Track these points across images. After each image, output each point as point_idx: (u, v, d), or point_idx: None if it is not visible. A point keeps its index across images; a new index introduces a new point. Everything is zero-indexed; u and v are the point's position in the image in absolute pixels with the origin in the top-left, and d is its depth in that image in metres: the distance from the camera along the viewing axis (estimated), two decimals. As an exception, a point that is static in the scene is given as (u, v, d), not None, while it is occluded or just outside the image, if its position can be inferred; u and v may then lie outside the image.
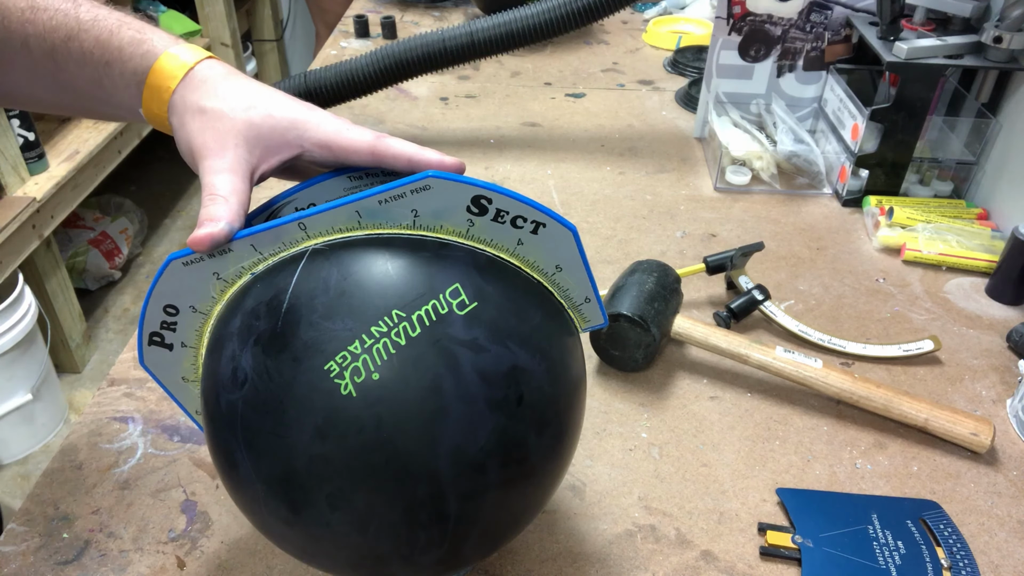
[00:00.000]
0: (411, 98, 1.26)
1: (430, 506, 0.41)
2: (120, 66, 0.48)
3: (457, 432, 0.40)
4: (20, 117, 1.63)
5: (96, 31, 0.48)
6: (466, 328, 0.42)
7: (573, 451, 0.49)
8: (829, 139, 1.03)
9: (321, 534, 0.42)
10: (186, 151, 0.48)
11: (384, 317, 0.40)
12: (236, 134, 0.46)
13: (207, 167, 0.45)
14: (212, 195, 0.44)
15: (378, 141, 0.46)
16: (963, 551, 0.57)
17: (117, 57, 0.48)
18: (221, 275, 0.45)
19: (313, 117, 0.47)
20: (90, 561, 0.56)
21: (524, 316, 0.45)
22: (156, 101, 0.48)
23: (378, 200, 0.43)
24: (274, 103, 0.47)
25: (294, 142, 0.47)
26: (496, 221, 0.44)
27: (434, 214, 0.44)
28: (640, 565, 0.57)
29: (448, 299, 0.42)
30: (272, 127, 0.47)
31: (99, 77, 0.49)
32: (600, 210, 0.98)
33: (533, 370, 0.43)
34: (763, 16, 1.02)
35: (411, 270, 0.42)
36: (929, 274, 0.87)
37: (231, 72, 0.49)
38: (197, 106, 0.47)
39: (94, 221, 2.19)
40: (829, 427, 0.68)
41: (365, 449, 0.40)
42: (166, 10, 2.40)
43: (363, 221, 0.43)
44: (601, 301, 0.50)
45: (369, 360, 0.40)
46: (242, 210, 0.44)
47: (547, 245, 0.46)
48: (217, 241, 0.43)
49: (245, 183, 0.45)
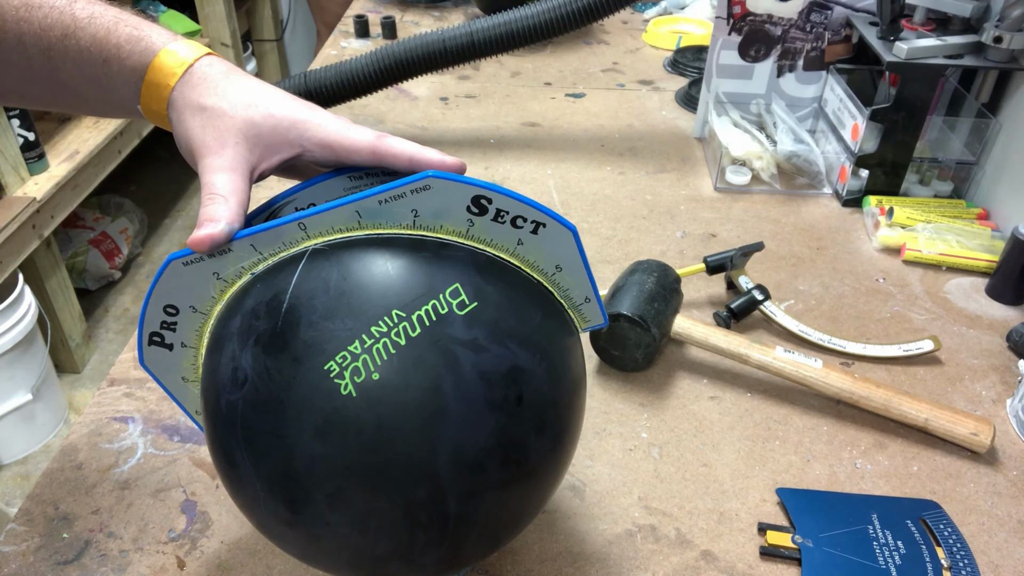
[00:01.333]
0: (411, 98, 1.26)
1: (430, 506, 0.41)
2: (118, 63, 0.48)
3: (457, 432, 0.40)
4: (20, 117, 1.63)
5: (92, 28, 0.48)
6: (466, 328, 0.42)
7: (573, 451, 0.49)
8: (829, 139, 1.03)
9: (321, 534, 0.42)
10: (185, 149, 0.47)
11: (384, 317, 0.40)
12: (236, 132, 0.46)
13: (206, 165, 0.45)
14: (212, 194, 0.44)
15: (379, 141, 0.46)
16: (963, 551, 0.57)
17: (115, 55, 0.48)
18: (221, 275, 0.45)
19: (314, 116, 0.47)
20: (90, 561, 0.56)
21: (524, 316, 0.45)
22: (155, 98, 0.48)
23: (378, 200, 0.43)
24: (275, 101, 0.47)
25: (295, 141, 0.47)
26: (496, 221, 0.44)
27: (434, 214, 0.44)
28: (640, 565, 0.57)
29: (448, 299, 0.42)
30: (273, 126, 0.46)
31: (97, 75, 0.48)
32: (600, 210, 0.98)
33: (533, 370, 0.43)
34: (763, 16, 1.02)
35: (411, 270, 0.42)
36: (929, 274, 0.87)
37: (231, 69, 0.48)
38: (197, 103, 0.46)
39: (94, 221, 2.19)
40: (829, 427, 0.68)
41: (365, 449, 0.40)
42: (166, 10, 2.40)
43: (363, 221, 0.43)
44: (601, 301, 0.50)
45: (369, 360, 0.40)
46: (242, 210, 0.44)
47: (547, 245, 0.46)
48: (217, 242, 0.42)
49: (245, 182, 0.45)
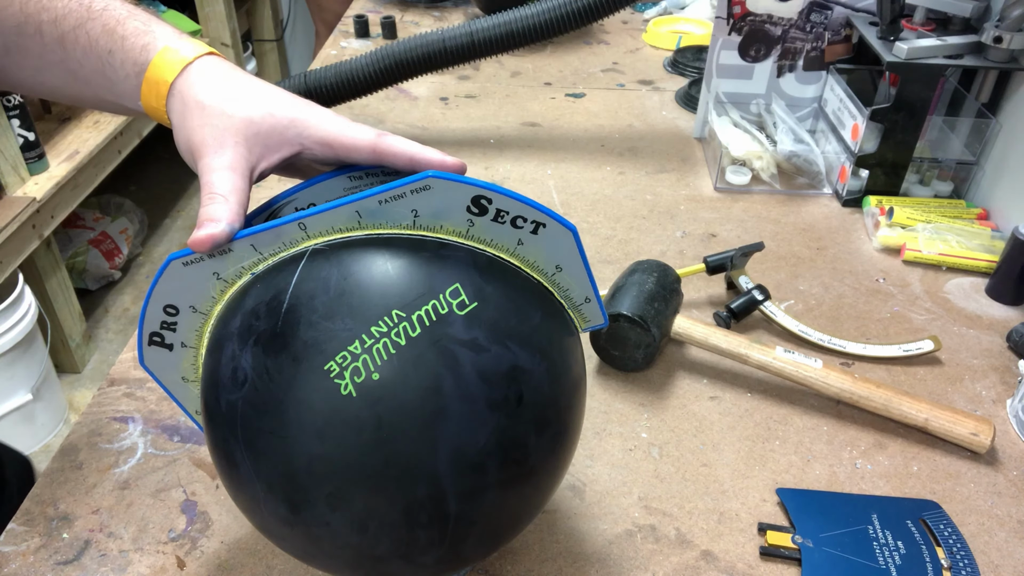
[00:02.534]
0: (411, 98, 1.26)
1: (430, 506, 0.41)
2: (122, 55, 0.48)
3: (457, 432, 0.40)
4: (20, 117, 1.63)
5: (104, 19, 0.48)
6: (466, 328, 0.42)
7: (573, 451, 0.49)
8: (829, 139, 1.03)
9: (321, 534, 0.42)
10: (184, 147, 0.47)
11: (384, 317, 0.40)
12: (235, 132, 0.46)
13: (206, 165, 0.45)
14: (211, 194, 0.44)
15: (379, 139, 0.46)
16: (963, 551, 0.57)
17: (120, 47, 0.48)
18: (221, 275, 0.45)
19: (313, 114, 0.47)
20: (90, 561, 0.56)
21: (524, 316, 0.44)
22: (154, 95, 0.48)
23: (378, 200, 0.43)
24: (274, 100, 0.47)
25: (294, 140, 0.47)
26: (496, 221, 0.44)
27: (434, 214, 0.44)
28: (640, 565, 0.57)
29: (448, 299, 0.42)
30: (272, 125, 0.46)
31: (102, 66, 0.49)
32: (600, 210, 0.98)
33: (533, 370, 0.43)
34: (763, 16, 1.02)
35: (411, 270, 0.42)
36: (929, 274, 0.87)
37: (231, 68, 0.48)
38: (195, 101, 0.46)
39: (94, 221, 2.19)
40: (829, 427, 0.68)
41: (365, 449, 0.40)
42: (166, 10, 2.41)
43: (363, 221, 0.43)
44: (601, 301, 0.50)
45: (369, 360, 0.40)
46: (242, 209, 0.44)
47: (547, 245, 0.46)
48: (218, 242, 0.42)
49: (245, 181, 0.45)
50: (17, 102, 1.61)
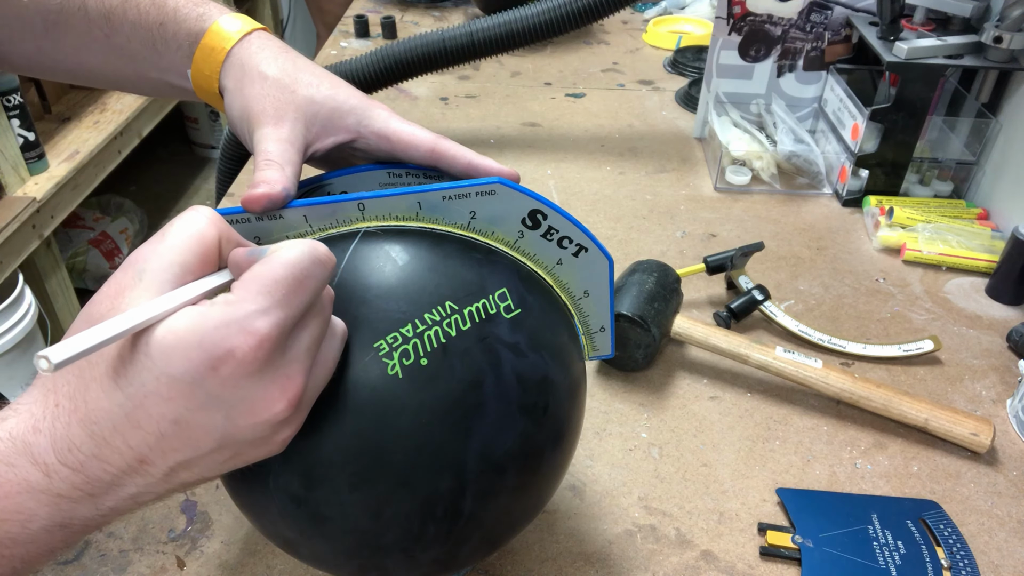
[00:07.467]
0: (411, 98, 1.26)
1: (447, 500, 0.41)
2: (174, 26, 0.48)
3: (489, 430, 0.41)
4: (20, 117, 1.63)
5: None
6: (511, 332, 0.42)
7: (571, 459, 0.49)
8: (829, 139, 1.03)
9: (331, 515, 0.41)
10: (239, 114, 0.47)
11: (438, 306, 0.41)
12: (296, 108, 0.46)
13: (264, 134, 0.45)
14: (268, 160, 0.44)
15: (439, 141, 0.47)
16: (963, 551, 0.57)
17: (172, 17, 0.48)
18: (263, 240, 0.43)
19: (374, 107, 0.48)
20: (90, 561, 0.56)
21: (555, 332, 0.46)
22: (209, 62, 0.48)
23: (442, 196, 0.43)
24: (336, 85, 0.48)
25: (352, 127, 0.47)
26: (545, 238, 0.45)
27: (490, 219, 0.44)
28: (640, 565, 0.57)
29: (497, 301, 0.42)
30: (333, 108, 0.47)
31: (152, 39, 0.49)
32: (600, 210, 0.98)
33: (559, 384, 0.44)
34: (763, 16, 1.02)
35: (466, 267, 0.43)
36: (929, 274, 0.87)
37: (287, 47, 0.49)
38: (258, 71, 0.47)
39: (94, 221, 2.19)
40: (829, 427, 0.68)
41: (402, 432, 0.39)
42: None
43: (422, 213, 0.43)
44: (614, 333, 0.51)
45: (420, 345, 0.40)
46: (296, 180, 0.44)
47: (582, 270, 0.47)
48: (274, 202, 0.41)
49: (300, 156, 0.45)
50: (17, 102, 1.61)
